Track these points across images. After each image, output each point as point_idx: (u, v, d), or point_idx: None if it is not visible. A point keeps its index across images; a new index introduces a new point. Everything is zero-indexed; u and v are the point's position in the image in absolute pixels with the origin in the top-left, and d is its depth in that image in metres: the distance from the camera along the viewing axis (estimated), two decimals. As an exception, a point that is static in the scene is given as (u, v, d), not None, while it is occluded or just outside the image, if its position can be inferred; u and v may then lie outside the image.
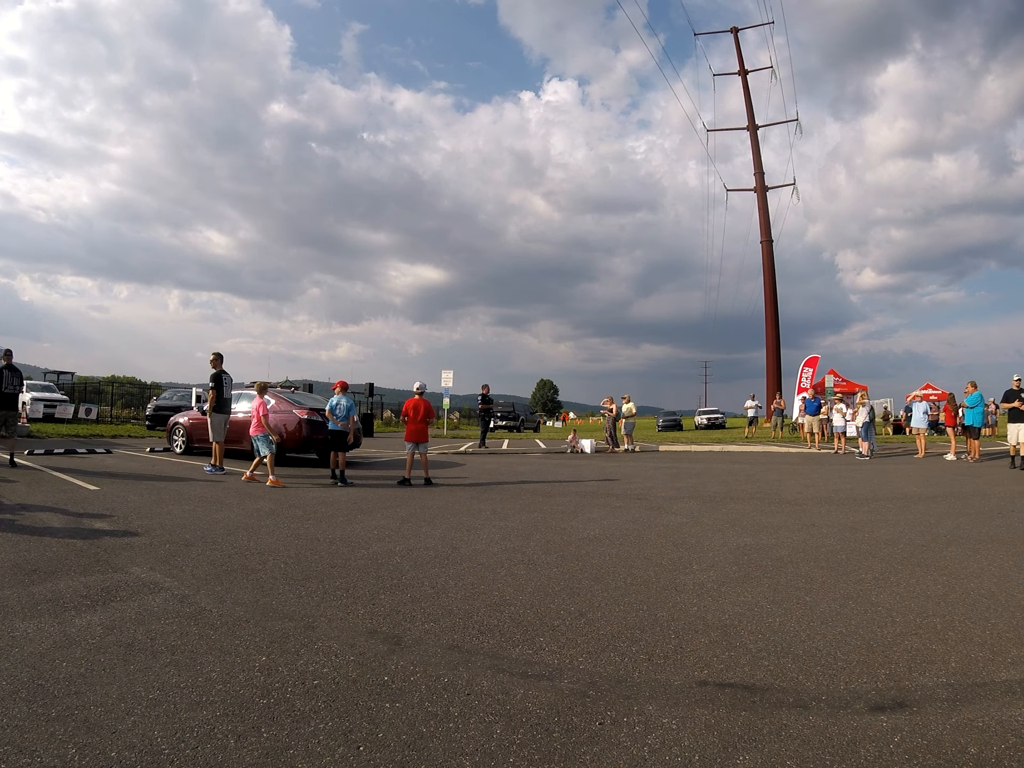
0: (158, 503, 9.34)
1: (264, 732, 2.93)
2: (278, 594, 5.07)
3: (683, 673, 3.68)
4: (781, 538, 7.49)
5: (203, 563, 5.95)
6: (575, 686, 3.49)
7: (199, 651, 3.87)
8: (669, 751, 2.82)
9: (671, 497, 11.20)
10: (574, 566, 6.12)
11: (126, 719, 3.02)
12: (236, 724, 2.99)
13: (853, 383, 32.94)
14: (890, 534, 7.76)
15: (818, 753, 2.81)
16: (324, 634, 4.21)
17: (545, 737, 2.93)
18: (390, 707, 3.20)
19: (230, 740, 2.85)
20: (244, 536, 7.19)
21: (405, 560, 6.24)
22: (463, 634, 4.26)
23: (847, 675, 3.66)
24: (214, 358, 13.81)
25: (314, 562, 6.08)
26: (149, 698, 3.24)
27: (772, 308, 40.81)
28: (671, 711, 3.21)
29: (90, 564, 5.79)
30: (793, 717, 3.15)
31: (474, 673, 3.64)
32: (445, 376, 34.14)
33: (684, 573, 5.89)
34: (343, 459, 12.42)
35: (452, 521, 8.44)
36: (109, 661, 3.70)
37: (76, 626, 4.25)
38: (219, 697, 3.27)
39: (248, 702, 3.22)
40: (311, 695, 3.32)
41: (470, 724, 3.04)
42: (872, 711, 3.22)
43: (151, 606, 4.70)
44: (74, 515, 8.16)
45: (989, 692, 3.47)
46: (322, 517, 8.54)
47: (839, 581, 5.64)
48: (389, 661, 3.79)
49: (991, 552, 6.76)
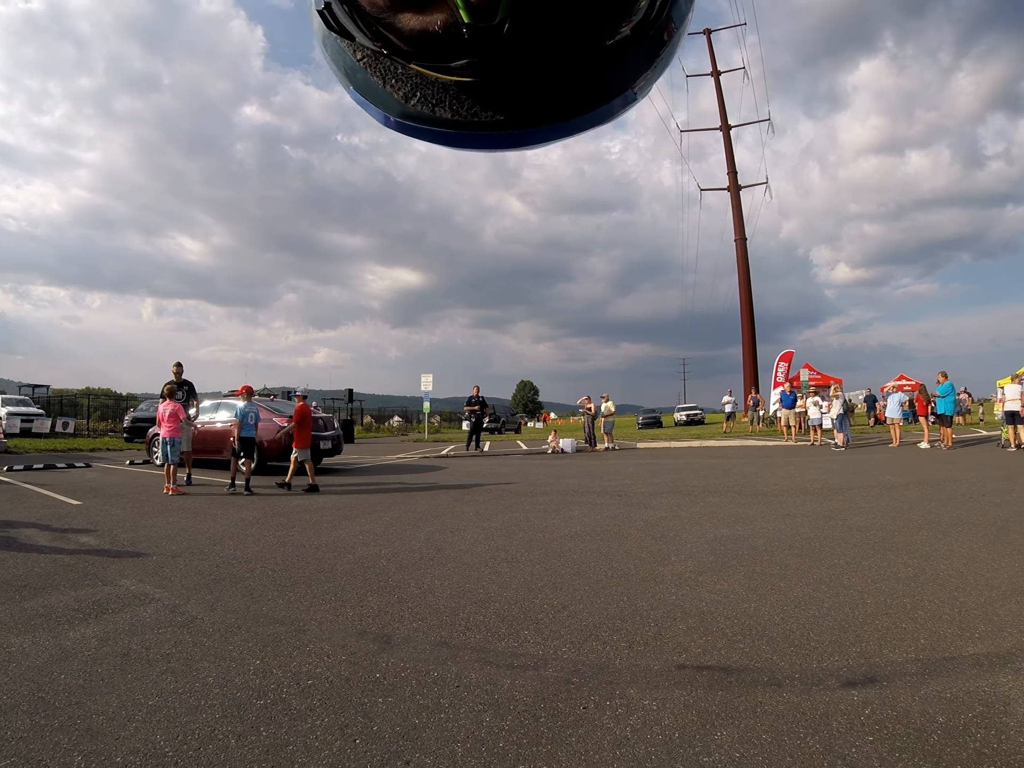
0: (142, 515, 9.36)
1: (263, 731, 3.03)
2: (268, 600, 5.16)
3: (662, 658, 3.83)
4: (757, 528, 7.65)
5: (192, 573, 6.01)
6: (559, 674, 3.63)
7: (194, 658, 3.95)
8: (650, 730, 2.96)
9: (650, 493, 11.35)
10: (556, 562, 6.24)
11: (128, 725, 3.10)
12: (236, 725, 3.09)
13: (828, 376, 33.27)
14: (863, 521, 7.94)
15: (792, 727, 2.95)
16: (315, 636, 4.31)
17: (532, 722, 3.06)
18: (383, 701, 3.32)
19: (231, 740, 2.94)
20: (230, 545, 7.25)
21: (391, 563, 6.33)
22: (450, 631, 4.38)
23: (819, 654, 3.81)
24: (181, 368, 13.72)
25: (301, 568, 6.17)
26: (149, 704, 3.32)
27: (747, 305, 41.11)
28: (651, 693, 3.35)
29: (79, 578, 5.83)
30: (768, 695, 3.30)
31: (462, 667, 3.76)
32: (425, 380, 33.95)
33: (663, 565, 6.03)
34: (249, 468, 12.18)
35: (436, 523, 8.53)
36: (107, 671, 3.77)
37: (71, 639, 4.30)
38: (217, 700, 3.36)
39: (246, 703, 3.32)
40: (306, 694, 3.42)
41: (460, 714, 3.17)
42: (844, 687, 3.38)
43: (143, 617, 4.76)
44: (59, 530, 8.16)
45: (957, 666, 3.62)
46: (307, 524, 8.60)
47: (813, 567, 5.80)
48: (380, 659, 3.90)
49: (961, 535, 6.94)
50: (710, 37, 44.40)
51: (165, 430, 11.98)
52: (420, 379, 34.06)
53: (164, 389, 12.75)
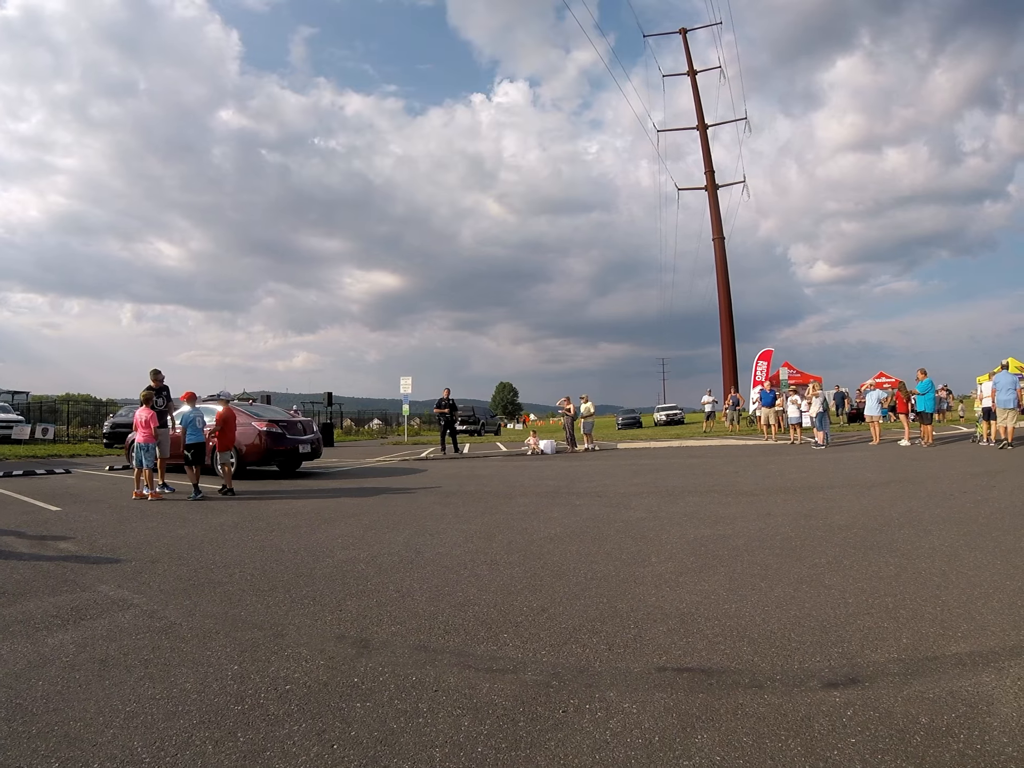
0: (121, 521, 9.31)
1: (241, 737, 3.00)
2: (246, 605, 5.12)
3: (642, 660, 3.81)
4: (738, 528, 7.66)
5: (170, 578, 5.97)
6: (539, 677, 3.61)
7: (172, 663, 3.92)
8: (630, 733, 2.95)
9: (630, 493, 11.35)
10: (536, 564, 6.22)
11: (105, 732, 3.08)
12: (213, 731, 3.06)
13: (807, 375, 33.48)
14: (844, 519, 7.97)
15: (773, 729, 2.95)
16: (293, 641, 4.27)
17: (511, 726, 3.05)
18: (361, 706, 3.30)
19: (208, 746, 2.92)
20: (209, 550, 7.21)
21: (370, 566, 6.30)
22: (429, 634, 4.35)
23: (801, 655, 3.80)
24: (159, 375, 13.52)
25: (280, 572, 6.13)
26: (126, 711, 3.30)
27: (726, 304, 41.21)
28: (631, 696, 3.34)
29: (58, 584, 5.79)
30: (749, 696, 3.29)
31: (441, 671, 3.74)
32: (404, 382, 33.87)
33: (643, 566, 6.02)
34: (196, 473, 12.22)
35: (415, 526, 8.50)
36: (84, 677, 3.74)
37: (49, 645, 4.27)
38: (195, 706, 3.33)
39: (223, 709, 3.29)
40: (284, 699, 3.40)
41: (439, 718, 3.15)
42: (825, 687, 3.37)
43: (121, 622, 4.72)
44: (38, 537, 8.11)
45: (940, 665, 3.62)
46: (286, 528, 8.56)
47: (793, 567, 5.80)
48: (358, 663, 3.87)
49: (942, 533, 6.96)
50: (686, 36, 44.49)
51: (140, 436, 11.92)
52: (399, 382, 34.00)
53: (142, 395, 12.69)
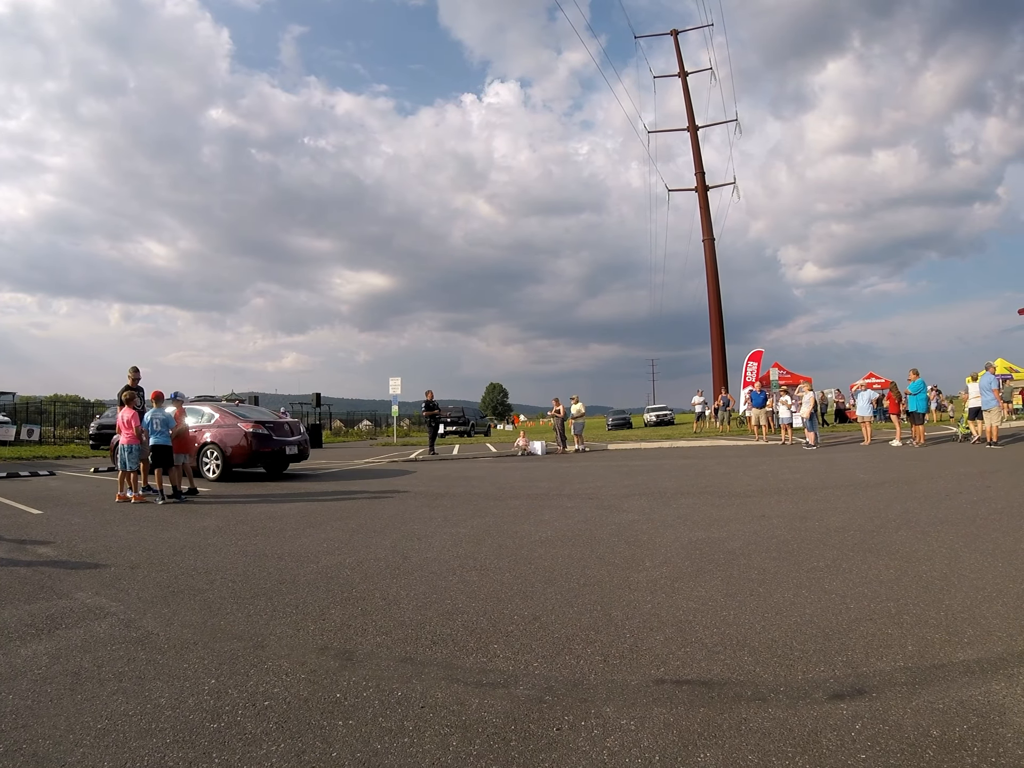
0: (103, 525, 9.15)
1: (215, 757, 2.85)
2: (226, 614, 4.96)
3: (639, 672, 3.66)
4: (732, 531, 7.54)
5: (149, 585, 5.80)
6: (531, 692, 3.45)
7: (147, 677, 3.76)
8: (628, 753, 2.80)
9: (622, 495, 11.25)
10: (527, 569, 6.08)
11: (75, 751, 2.94)
12: (187, 751, 2.91)
13: (797, 375, 33.51)
14: (840, 521, 7.87)
15: (779, 745, 2.80)
16: (274, 653, 4.11)
17: (502, 746, 2.89)
18: (343, 725, 3.14)
19: (180, 767, 2.76)
20: (191, 555, 7.04)
21: (355, 572, 6.14)
22: (416, 645, 4.19)
23: (804, 665, 3.67)
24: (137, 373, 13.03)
25: (262, 579, 5.97)
26: (97, 728, 3.15)
27: (716, 305, 41.22)
28: (629, 712, 3.18)
29: (34, 591, 5.63)
30: (752, 710, 3.15)
31: (428, 685, 3.58)
32: (393, 383, 33.83)
33: (637, 571, 5.88)
34: (169, 475, 11.98)
35: (403, 530, 8.35)
36: (56, 691, 3.59)
37: (21, 656, 4.12)
38: (168, 724, 3.18)
39: (198, 727, 3.13)
40: (262, 717, 3.23)
41: (425, 738, 2.99)
42: (831, 699, 3.23)
43: (97, 632, 4.56)
44: (17, 541, 7.94)
45: (948, 673, 3.50)
46: (270, 532, 8.40)
47: (792, 571, 5.68)
48: (341, 677, 3.71)
49: (941, 534, 6.88)
50: (677, 38, 44.53)
51: (124, 437, 11.71)
52: (389, 383, 33.92)
53: (123, 396, 12.36)
